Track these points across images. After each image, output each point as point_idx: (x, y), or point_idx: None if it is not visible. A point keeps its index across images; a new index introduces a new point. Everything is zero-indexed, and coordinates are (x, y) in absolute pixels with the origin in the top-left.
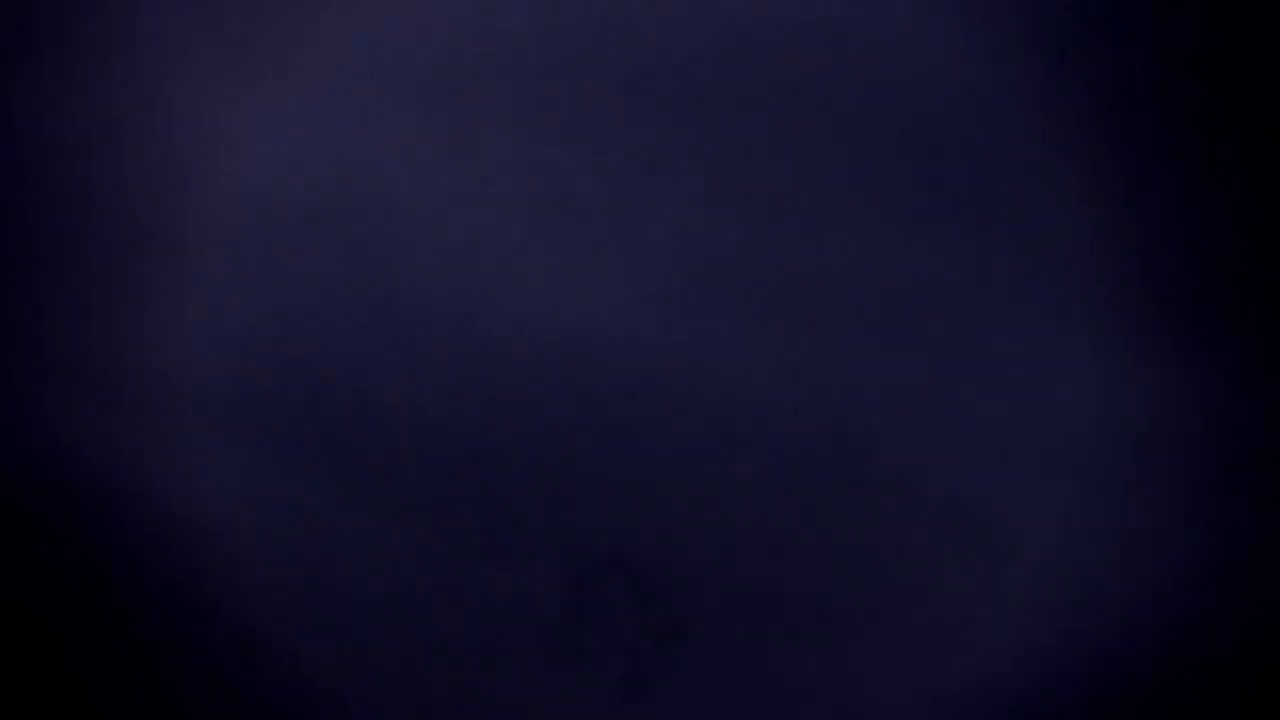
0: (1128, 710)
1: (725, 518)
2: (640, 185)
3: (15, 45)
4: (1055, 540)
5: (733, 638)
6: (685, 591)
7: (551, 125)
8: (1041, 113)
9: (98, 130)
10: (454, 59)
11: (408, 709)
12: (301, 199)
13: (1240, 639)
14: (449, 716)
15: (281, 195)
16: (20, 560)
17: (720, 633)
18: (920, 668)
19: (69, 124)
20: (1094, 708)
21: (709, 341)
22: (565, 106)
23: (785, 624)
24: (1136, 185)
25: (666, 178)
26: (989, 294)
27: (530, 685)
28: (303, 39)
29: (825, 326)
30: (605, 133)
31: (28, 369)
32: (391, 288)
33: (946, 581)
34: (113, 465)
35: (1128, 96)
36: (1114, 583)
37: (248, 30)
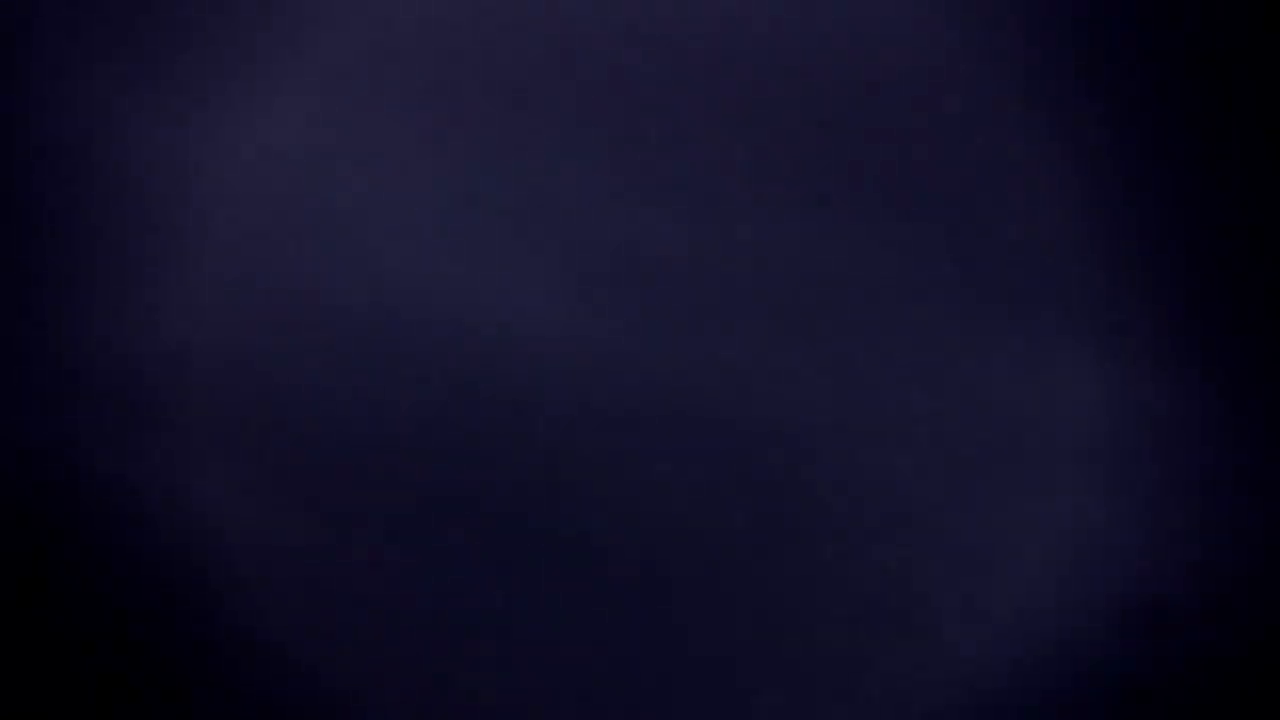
0: (1127, 711)
1: (723, 521)
2: (608, 186)
3: (12, 44)
4: (1054, 541)
5: (723, 639)
6: (663, 593)
7: (518, 127)
8: (1038, 110)
9: (89, 132)
10: (418, 59)
11: (408, 709)
12: (280, 205)
13: (1241, 639)
14: (449, 717)
15: (262, 200)
16: (15, 562)
17: (709, 634)
18: (917, 670)
19: (63, 125)
20: (1094, 709)
21: (712, 347)
22: (531, 109)
23: (777, 626)
24: (1136, 185)
25: (636, 178)
26: (984, 295)
27: (529, 685)
28: (275, 45)
29: (822, 330)
30: (569, 133)
31: (21, 374)
32: (368, 292)
33: (943, 583)
34: (104, 467)
35: (1127, 96)
36: (1114, 584)
37: (215, 37)
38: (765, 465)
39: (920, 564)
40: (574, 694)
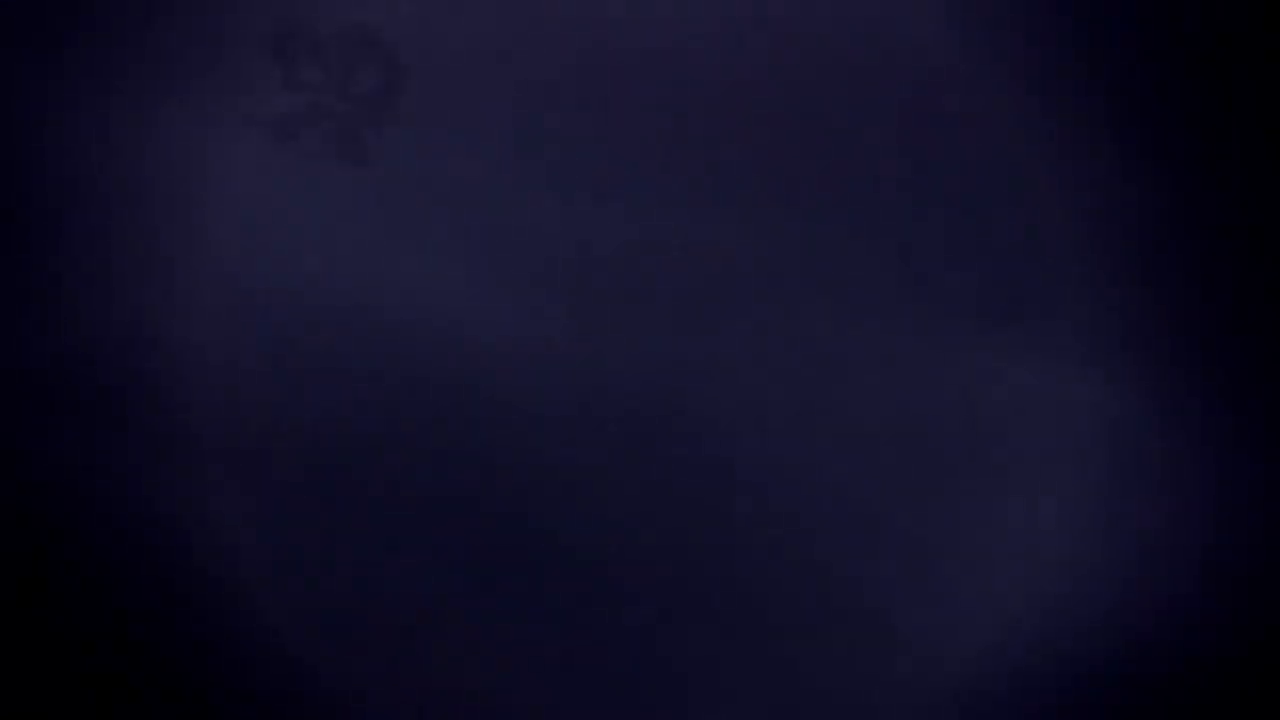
0: (1124, 712)
1: (702, 523)
2: (594, 187)
3: (11, 45)
4: (1051, 542)
5: (716, 638)
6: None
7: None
8: (1038, 110)
9: (87, 134)
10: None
11: (407, 709)
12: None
13: (1241, 641)
14: (448, 717)
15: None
16: (15, 565)
17: (696, 633)
18: (912, 670)
19: (62, 126)
20: (1089, 711)
21: (700, 349)
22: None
23: (770, 625)
24: (1135, 186)
25: (620, 179)
26: (979, 296)
27: (525, 686)
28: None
29: (805, 331)
30: (576, 132)
31: (18, 377)
32: (351, 296)
33: (939, 583)
34: (102, 468)
35: (1128, 96)
36: (1111, 585)
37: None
38: (745, 465)
39: (908, 567)
40: (544, 693)
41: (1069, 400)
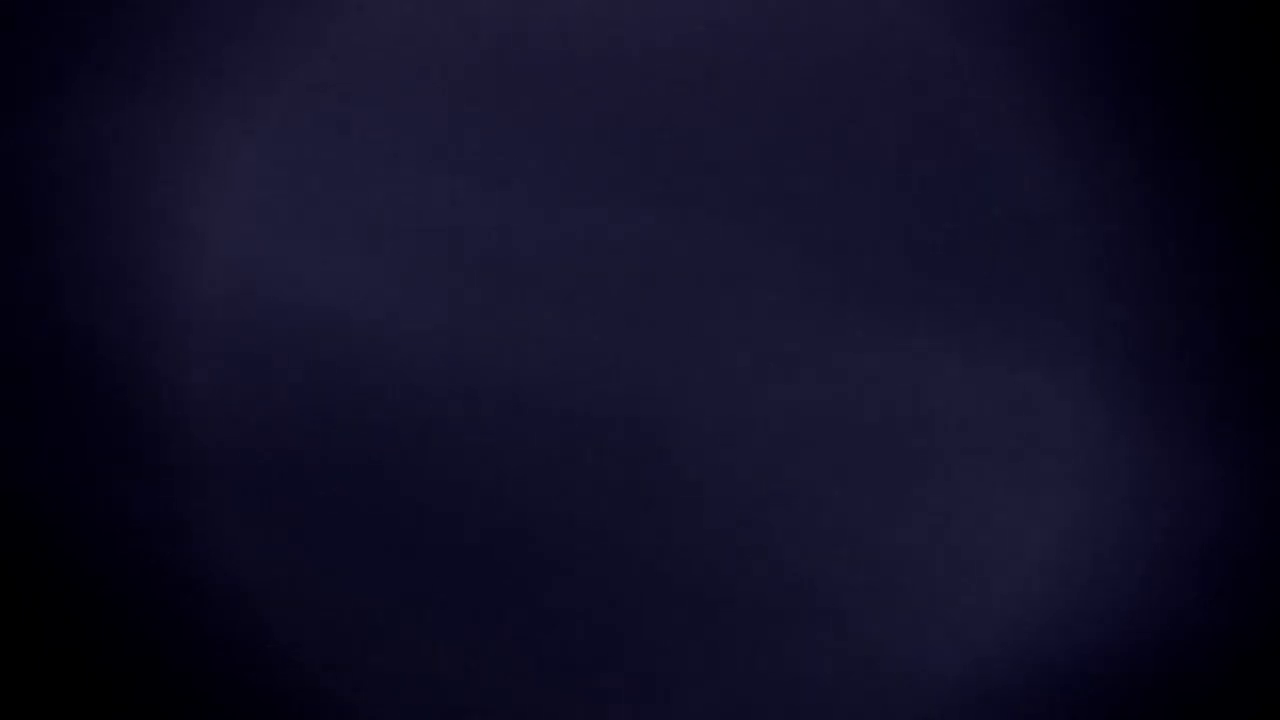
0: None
1: (687, 524)
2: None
3: (11, 44)
4: (1049, 544)
5: (707, 640)
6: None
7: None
8: (1023, 109)
9: (85, 136)
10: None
11: (406, 710)
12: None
13: (1230, 647)
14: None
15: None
16: (14, 569)
17: (690, 637)
18: (889, 680)
19: (61, 127)
20: (1086, 712)
21: (677, 352)
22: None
23: (763, 625)
24: (1136, 187)
25: (595, 174)
26: (979, 296)
27: (522, 686)
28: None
29: (829, 328)
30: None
31: (16, 383)
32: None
33: (936, 584)
34: (98, 472)
35: (1129, 97)
36: (1107, 588)
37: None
38: (713, 471)
39: (886, 575)
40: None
41: (1053, 405)
